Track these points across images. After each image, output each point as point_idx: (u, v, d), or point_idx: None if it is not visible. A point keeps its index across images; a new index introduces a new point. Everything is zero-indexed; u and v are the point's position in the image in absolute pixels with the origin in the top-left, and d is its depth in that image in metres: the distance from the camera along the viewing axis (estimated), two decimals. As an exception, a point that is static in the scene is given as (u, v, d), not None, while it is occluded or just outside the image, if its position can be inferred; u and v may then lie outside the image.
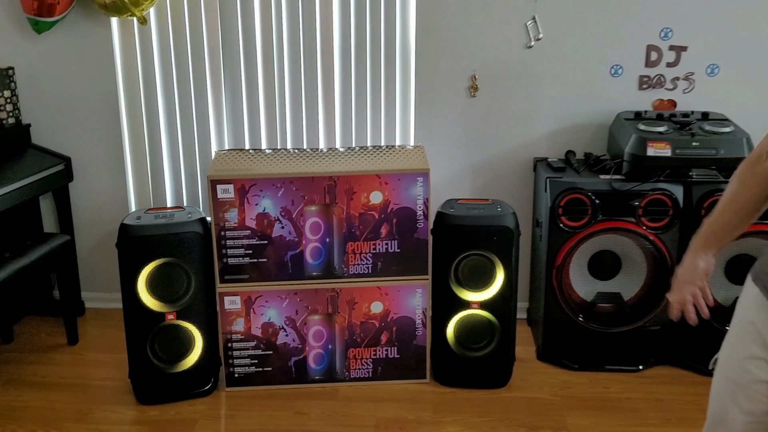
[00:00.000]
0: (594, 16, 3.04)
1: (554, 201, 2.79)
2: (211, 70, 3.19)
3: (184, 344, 2.70)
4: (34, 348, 3.16)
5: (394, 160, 2.75)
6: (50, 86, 3.24)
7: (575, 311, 2.89)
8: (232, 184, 2.59)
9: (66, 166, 3.25)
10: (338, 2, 3.09)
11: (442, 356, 2.83)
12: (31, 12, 2.97)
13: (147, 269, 2.60)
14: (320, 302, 2.74)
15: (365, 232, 2.68)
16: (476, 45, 3.10)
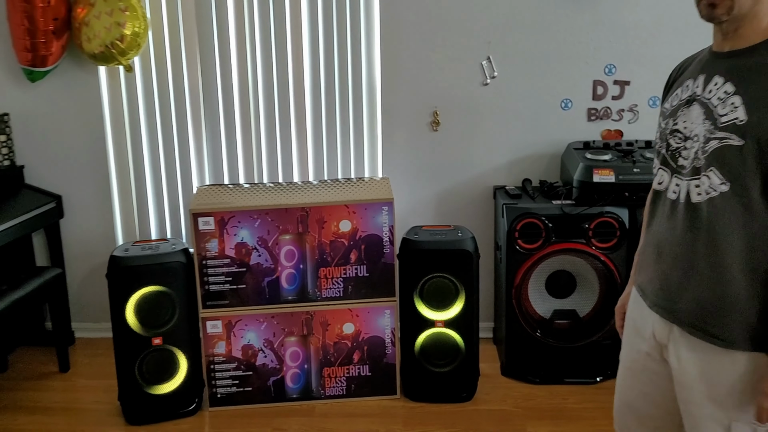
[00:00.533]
0: (543, 55, 3.30)
1: (511, 225, 3.02)
2: (192, 112, 3.42)
3: (170, 367, 2.89)
4: (27, 376, 3.32)
5: (361, 191, 2.98)
6: (42, 130, 3.45)
7: (534, 328, 3.11)
8: (212, 216, 2.81)
9: (57, 204, 3.46)
10: (308, 47, 3.34)
11: (411, 373, 3.03)
12: (26, 63, 3.20)
13: (135, 297, 2.79)
14: (296, 325, 2.94)
15: (336, 258, 2.90)
16: (437, 83, 3.35)
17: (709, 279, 1.51)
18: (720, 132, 1.46)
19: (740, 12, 1.45)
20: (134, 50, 3.18)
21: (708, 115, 1.50)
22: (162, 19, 3.31)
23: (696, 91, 1.55)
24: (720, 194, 1.46)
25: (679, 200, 1.56)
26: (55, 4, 3.10)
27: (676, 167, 1.58)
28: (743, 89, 1.44)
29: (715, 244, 1.49)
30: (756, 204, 1.44)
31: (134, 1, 3.12)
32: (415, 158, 3.44)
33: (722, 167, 1.45)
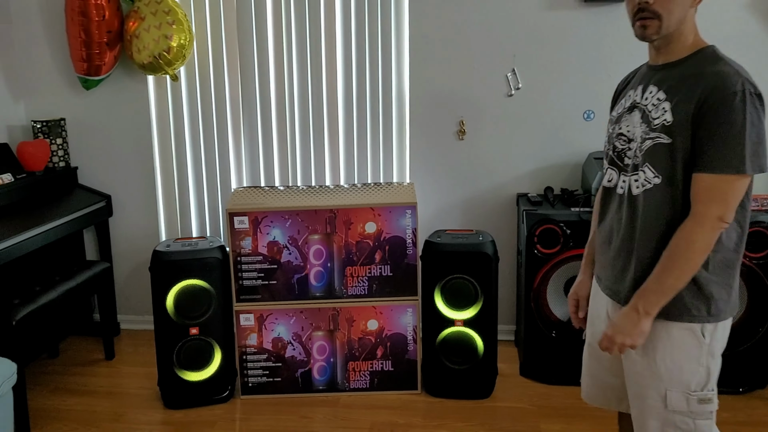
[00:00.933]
0: (566, 67, 3.42)
1: (530, 231, 3.15)
2: (231, 119, 3.65)
3: (205, 356, 3.09)
4: (76, 362, 3.58)
5: (387, 194, 3.15)
6: (95, 134, 3.72)
7: (551, 329, 3.22)
8: (247, 216, 3.02)
9: (107, 203, 3.72)
10: (342, 59, 3.53)
11: (431, 369, 3.17)
12: (82, 72, 3.47)
13: (175, 289, 3.01)
14: (323, 320, 3.12)
15: (362, 258, 3.07)
16: (463, 94, 3.51)
17: (644, 260, 1.74)
18: (653, 132, 1.70)
19: (668, 31, 1.69)
20: (180, 61, 3.41)
21: (644, 118, 1.73)
22: (206, 32, 3.54)
23: (636, 99, 1.79)
24: (654, 186, 1.71)
25: (624, 194, 1.79)
26: (109, 18, 3.36)
27: (622, 166, 1.81)
28: (671, 95, 1.68)
29: (648, 230, 1.73)
30: (682, 195, 1.68)
31: (181, 16, 3.36)
32: (441, 165, 3.60)
33: (654, 163, 1.69)
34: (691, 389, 1.73)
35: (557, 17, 3.38)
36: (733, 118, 1.58)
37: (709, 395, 1.74)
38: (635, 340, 1.71)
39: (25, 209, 3.28)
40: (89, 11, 3.29)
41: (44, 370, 3.47)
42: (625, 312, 1.73)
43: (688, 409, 1.74)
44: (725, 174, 1.60)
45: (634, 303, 1.71)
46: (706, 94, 1.61)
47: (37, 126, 3.55)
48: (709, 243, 1.65)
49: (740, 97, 1.58)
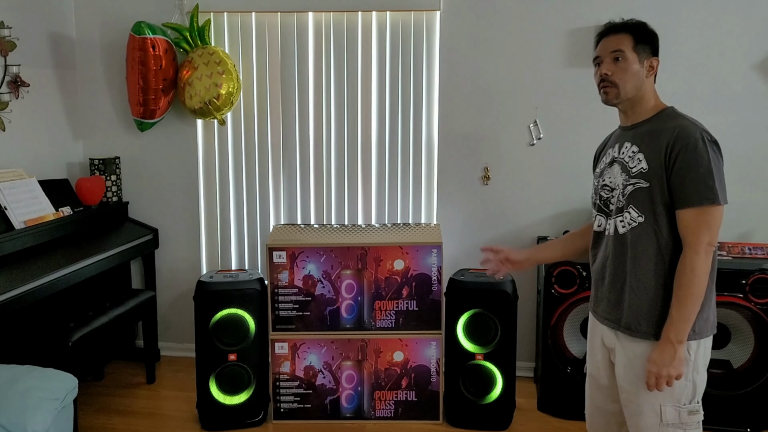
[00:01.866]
0: (584, 119, 3.65)
1: (548, 272, 3.34)
2: (272, 160, 3.93)
3: (242, 381, 3.31)
4: (119, 384, 3.82)
5: (415, 234, 3.38)
6: (146, 171, 4.03)
7: (566, 365, 3.39)
8: (285, 251, 3.26)
9: (154, 236, 4.00)
10: (376, 108, 3.81)
11: (453, 400, 3.35)
12: (138, 115, 3.78)
13: (216, 317, 3.25)
14: (352, 350, 3.33)
15: (390, 293, 3.29)
16: (488, 143, 3.76)
17: (636, 288, 2.02)
18: (633, 179, 2.01)
19: (626, 97, 2.05)
20: (228, 107, 3.72)
21: (623, 169, 2.05)
22: (252, 81, 3.86)
23: (614, 155, 2.12)
24: (638, 224, 2.00)
25: (611, 235, 2.09)
26: (165, 67, 3.69)
27: (608, 211, 2.12)
28: (644, 148, 2.00)
29: (638, 263, 2.01)
30: (664, 230, 1.97)
31: (230, 66, 3.68)
32: (466, 208, 3.83)
33: (637, 204, 2.00)
34: (681, 402, 1.97)
35: (576, 74, 3.63)
36: (699, 160, 1.90)
37: (697, 407, 1.99)
38: (679, 369, 1.92)
39: (82, 240, 3.56)
40: (148, 61, 3.62)
41: (91, 391, 3.72)
42: (661, 347, 1.94)
43: (680, 420, 1.97)
44: (705, 206, 1.89)
45: (666, 336, 1.93)
46: (672, 143, 1.94)
47: (94, 163, 3.86)
48: (708, 266, 1.92)
49: (701, 142, 1.92)
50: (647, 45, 2.06)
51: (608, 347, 2.15)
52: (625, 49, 2.03)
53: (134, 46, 3.64)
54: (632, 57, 2.03)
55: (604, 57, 2.07)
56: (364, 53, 3.78)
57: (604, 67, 2.06)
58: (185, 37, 3.74)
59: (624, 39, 2.04)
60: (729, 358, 3.26)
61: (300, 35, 3.80)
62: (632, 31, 2.05)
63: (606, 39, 2.09)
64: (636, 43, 2.04)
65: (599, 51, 2.10)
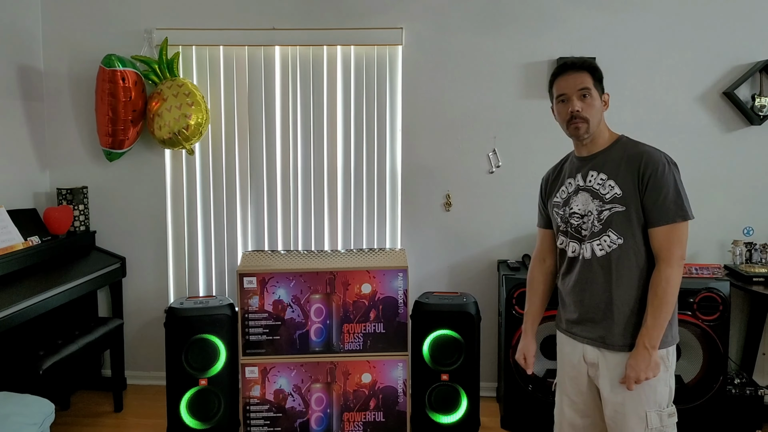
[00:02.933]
0: (541, 148, 3.85)
1: (509, 293, 3.49)
2: (240, 189, 4.02)
3: (212, 406, 3.36)
4: (86, 414, 3.81)
5: (381, 259, 3.50)
6: (114, 201, 4.07)
7: (527, 383, 3.53)
8: (255, 276, 3.35)
9: (121, 265, 4.03)
10: (341, 138, 3.95)
11: (420, 420, 3.45)
12: (106, 145, 3.84)
13: (187, 343, 3.30)
14: (321, 373, 3.41)
15: (358, 316, 3.39)
16: (449, 171, 3.92)
17: (621, 307, 2.17)
18: (608, 204, 2.16)
19: (593, 130, 2.21)
20: (197, 137, 3.81)
21: (595, 196, 2.20)
22: (220, 112, 3.96)
23: (579, 184, 2.24)
24: (618, 246, 2.16)
25: (590, 258, 2.22)
26: (134, 99, 3.76)
27: (581, 237, 2.22)
28: (613, 175, 2.17)
29: (621, 281, 2.16)
30: (642, 249, 2.15)
31: (199, 97, 3.78)
32: (429, 233, 3.97)
33: (616, 227, 2.15)
34: (662, 407, 2.15)
35: (532, 105, 3.83)
36: (668, 182, 2.10)
37: (673, 410, 2.17)
38: (655, 371, 2.10)
39: (50, 269, 3.58)
40: (118, 93, 3.69)
41: (57, 421, 3.69)
42: (637, 353, 2.11)
43: (661, 424, 2.14)
44: (677, 222, 2.09)
45: (641, 343, 2.11)
46: (642, 169, 2.12)
47: (62, 193, 3.90)
48: (679, 279, 2.11)
49: (667, 166, 2.12)
50: (600, 82, 2.24)
51: (589, 362, 2.26)
52: (589, 86, 2.19)
53: (104, 78, 3.71)
54: (595, 93, 2.20)
55: (570, 94, 2.19)
56: (329, 85, 3.92)
57: (574, 104, 2.18)
58: (154, 69, 3.83)
59: (585, 77, 2.19)
60: (680, 373, 3.44)
61: (267, 68, 3.93)
62: (589, 69, 2.21)
63: (567, 77, 2.20)
64: (594, 81, 2.21)
65: (564, 89, 2.20)
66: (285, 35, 3.87)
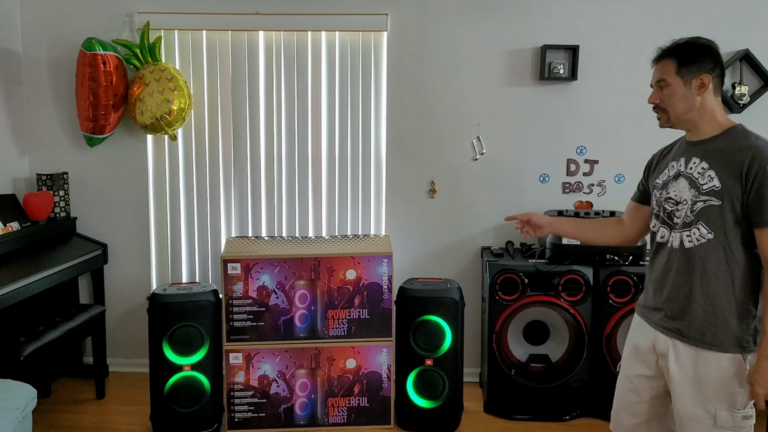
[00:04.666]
0: (524, 136, 3.87)
1: (492, 279, 3.52)
2: (223, 175, 4.00)
3: (196, 392, 3.35)
4: (68, 401, 3.79)
5: (366, 245, 3.51)
6: (95, 187, 4.02)
7: (510, 368, 3.56)
8: (239, 263, 3.34)
9: (103, 251, 3.99)
10: (326, 123, 3.94)
11: (404, 405, 3.47)
12: (87, 130, 3.80)
13: (171, 329, 3.29)
14: (306, 359, 3.42)
15: (342, 302, 3.40)
16: (433, 158, 3.93)
17: (703, 303, 2.09)
18: (703, 196, 2.06)
19: (678, 119, 2.14)
20: (179, 122, 3.77)
21: (692, 185, 2.10)
22: (203, 97, 3.93)
23: (680, 169, 2.16)
24: (707, 241, 2.06)
25: (676, 248, 2.14)
26: (116, 83, 3.72)
27: (672, 224, 2.16)
28: (715, 165, 2.06)
29: (706, 277, 2.07)
30: (734, 246, 2.04)
31: (181, 82, 3.74)
32: (414, 220, 3.98)
33: (707, 221, 2.06)
34: (736, 408, 2.07)
35: (516, 92, 3.85)
36: None
37: (751, 412, 2.09)
38: None
39: (30, 255, 3.54)
40: (99, 77, 3.65)
41: (39, 408, 3.63)
42: (760, 365, 2.00)
43: (734, 424, 2.08)
44: None
45: (763, 354, 1.99)
46: (749, 164, 1.99)
47: (42, 178, 3.85)
48: None
49: None
50: (693, 65, 2.10)
51: (659, 352, 2.21)
52: (667, 77, 2.12)
53: (84, 62, 3.67)
54: (676, 82, 2.10)
55: (653, 85, 2.18)
56: (314, 71, 3.91)
57: (652, 96, 2.17)
58: (136, 53, 3.79)
59: (667, 66, 2.13)
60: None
61: (251, 53, 3.90)
62: (677, 54, 2.12)
63: (655, 67, 2.18)
64: (680, 67, 2.11)
65: (652, 79, 2.20)
66: (269, 20, 3.84)
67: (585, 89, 3.82)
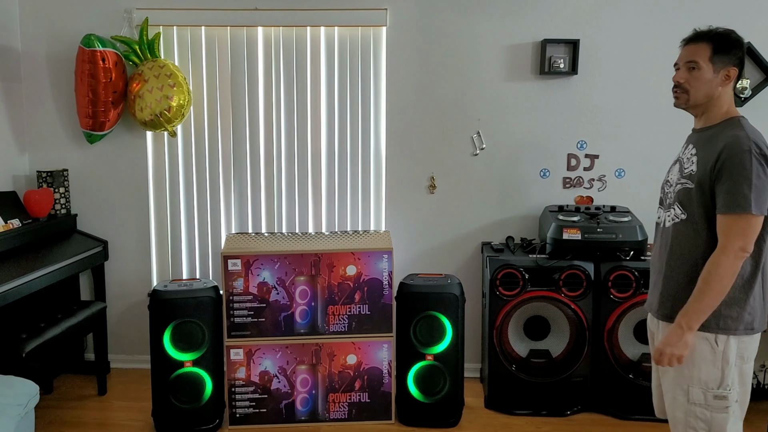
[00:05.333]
0: (525, 131, 3.86)
1: (493, 274, 3.51)
2: (223, 171, 3.99)
3: (197, 388, 3.35)
4: (70, 397, 3.79)
5: (366, 241, 3.50)
6: (95, 184, 4.02)
7: (511, 364, 3.56)
8: (239, 259, 3.34)
9: (104, 248, 3.99)
10: (325, 120, 3.93)
11: (405, 401, 3.47)
12: (87, 127, 3.79)
13: (171, 325, 3.29)
14: (306, 354, 3.42)
15: (342, 298, 3.40)
16: (434, 153, 3.92)
17: (669, 278, 2.23)
18: (683, 179, 2.20)
19: (695, 103, 2.20)
20: (179, 119, 3.77)
21: (680, 168, 2.24)
22: (203, 93, 3.92)
23: (679, 155, 2.32)
24: (680, 221, 2.20)
25: (661, 227, 2.32)
26: (115, 80, 3.71)
27: (665, 206, 2.32)
28: (699, 151, 2.17)
29: (673, 255, 2.21)
30: (700, 228, 2.15)
31: (181, 79, 3.73)
32: (414, 216, 3.97)
33: (681, 202, 2.19)
34: (708, 387, 2.15)
35: (516, 87, 3.84)
36: (742, 170, 2.03)
37: (724, 393, 2.14)
38: (682, 351, 2.12)
39: (31, 252, 3.54)
40: (98, 74, 3.64)
41: (40, 404, 3.64)
42: (672, 329, 2.15)
43: (706, 403, 2.15)
44: (738, 213, 2.03)
45: (679, 321, 2.13)
46: (722, 151, 2.07)
47: (42, 175, 3.84)
48: (735, 269, 2.07)
49: (748, 155, 2.04)
50: (726, 55, 2.15)
51: (652, 331, 2.39)
52: (700, 60, 2.16)
53: (83, 58, 3.66)
54: (707, 67, 2.15)
55: (680, 64, 2.22)
56: (313, 67, 3.90)
57: (678, 74, 2.21)
58: (135, 50, 3.78)
59: (702, 49, 2.16)
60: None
61: (250, 49, 3.89)
62: (713, 40, 2.16)
63: (687, 47, 2.21)
64: (714, 53, 2.15)
65: (679, 58, 2.23)
66: (268, 16, 3.83)
67: (586, 84, 3.81)
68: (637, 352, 3.50)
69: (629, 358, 3.50)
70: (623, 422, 3.51)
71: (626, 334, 3.51)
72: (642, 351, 3.51)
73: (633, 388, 3.50)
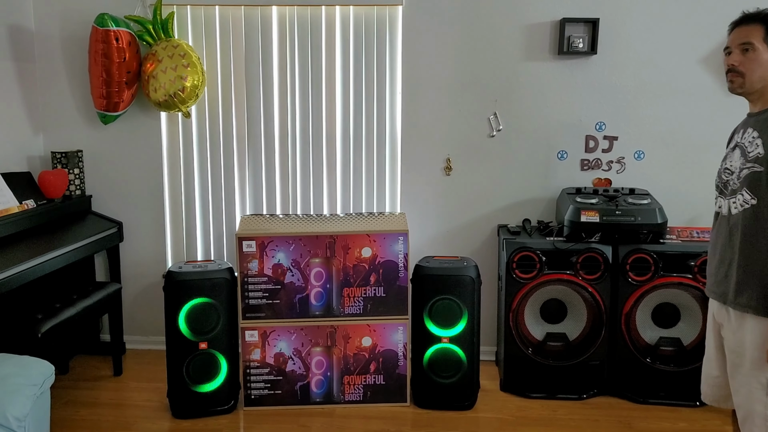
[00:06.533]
0: (542, 112, 3.81)
1: (509, 257, 3.48)
2: (237, 152, 3.97)
3: (213, 369, 3.35)
4: (86, 378, 3.81)
5: (381, 223, 3.48)
6: (110, 165, 4.02)
7: (527, 347, 3.53)
8: (254, 240, 3.32)
9: (118, 229, 3.99)
10: (341, 100, 3.89)
11: (420, 383, 3.46)
12: (101, 108, 3.77)
13: (186, 307, 3.29)
14: (321, 336, 3.41)
15: (358, 280, 3.37)
16: (450, 134, 3.87)
17: (744, 267, 2.15)
18: (749, 163, 2.13)
19: (752, 87, 2.16)
20: (193, 99, 3.74)
21: (743, 153, 2.18)
22: (217, 74, 3.89)
23: (738, 140, 2.25)
24: (750, 206, 2.13)
25: (726, 215, 2.24)
26: (129, 60, 3.69)
27: (726, 193, 2.25)
28: (763, 134, 2.12)
29: (747, 242, 2.13)
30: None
31: (195, 59, 3.70)
32: (430, 198, 3.94)
33: (750, 187, 2.12)
34: None
35: (534, 67, 3.77)
36: None
37: None
38: None
39: (46, 233, 3.54)
40: (112, 54, 3.62)
41: (56, 384, 3.68)
42: None
43: None
44: None
45: None
46: None
47: (56, 156, 3.84)
48: None
49: None
50: None
51: (717, 321, 2.31)
52: (754, 40, 2.13)
53: (97, 38, 3.63)
54: (762, 47, 2.12)
55: (733, 47, 2.17)
56: (327, 47, 3.85)
57: (732, 57, 2.17)
58: (148, 29, 3.75)
59: (755, 30, 2.13)
60: (680, 336, 3.45)
61: (264, 28, 3.85)
62: (765, 21, 2.13)
63: (738, 29, 2.17)
64: (767, 34, 2.13)
65: (730, 41, 2.19)
66: (282, -5, 3.78)
67: (605, 64, 3.74)
68: (655, 336, 3.47)
69: (647, 341, 3.46)
70: (640, 406, 3.48)
71: (644, 317, 3.47)
72: (660, 335, 3.47)
73: (650, 372, 3.47)
